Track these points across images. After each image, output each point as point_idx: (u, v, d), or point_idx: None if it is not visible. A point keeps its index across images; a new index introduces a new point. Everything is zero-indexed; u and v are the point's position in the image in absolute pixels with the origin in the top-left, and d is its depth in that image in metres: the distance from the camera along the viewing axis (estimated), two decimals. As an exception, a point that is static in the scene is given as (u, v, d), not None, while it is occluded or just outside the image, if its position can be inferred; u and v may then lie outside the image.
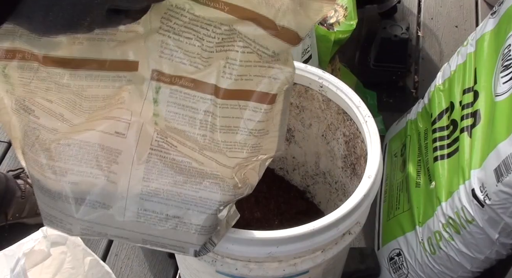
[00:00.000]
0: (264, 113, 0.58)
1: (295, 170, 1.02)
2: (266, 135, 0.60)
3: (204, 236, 0.60)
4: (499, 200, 0.81)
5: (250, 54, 0.54)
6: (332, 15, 1.21)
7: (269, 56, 0.55)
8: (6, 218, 1.15)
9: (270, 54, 0.54)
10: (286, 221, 0.97)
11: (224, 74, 0.54)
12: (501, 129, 0.83)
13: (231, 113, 0.56)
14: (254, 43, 0.53)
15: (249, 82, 0.56)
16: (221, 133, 0.57)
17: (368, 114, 0.76)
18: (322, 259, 0.70)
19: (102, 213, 0.58)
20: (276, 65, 0.56)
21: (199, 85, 0.54)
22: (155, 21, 0.50)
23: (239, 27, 0.52)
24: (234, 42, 0.53)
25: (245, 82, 0.55)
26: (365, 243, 1.17)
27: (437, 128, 1.04)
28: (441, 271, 0.97)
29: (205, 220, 0.59)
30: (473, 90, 0.96)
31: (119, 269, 1.14)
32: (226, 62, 0.54)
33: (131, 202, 0.58)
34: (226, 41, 0.53)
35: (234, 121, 0.57)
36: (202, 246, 0.61)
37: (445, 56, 1.54)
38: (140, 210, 0.58)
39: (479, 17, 1.65)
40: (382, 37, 1.42)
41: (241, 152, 0.58)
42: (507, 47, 0.88)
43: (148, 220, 0.59)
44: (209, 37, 0.52)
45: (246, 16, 0.51)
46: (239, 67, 0.54)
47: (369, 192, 0.68)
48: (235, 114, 0.56)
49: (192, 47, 0.52)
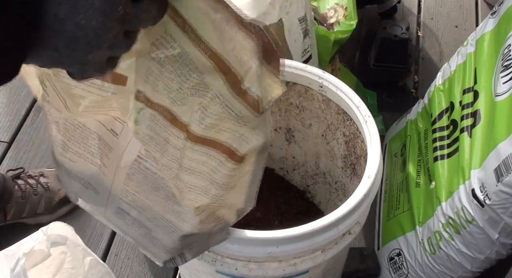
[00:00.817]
0: (230, 169, 0.57)
1: (295, 170, 1.02)
2: (231, 190, 0.59)
3: (169, 253, 0.61)
4: (499, 200, 0.81)
5: (221, 108, 0.53)
6: (332, 15, 1.21)
7: (237, 116, 0.54)
8: (6, 218, 1.15)
9: (236, 114, 0.53)
10: (286, 221, 0.97)
11: (194, 118, 0.53)
12: (501, 129, 0.83)
13: (199, 158, 0.55)
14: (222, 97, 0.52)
15: (219, 134, 0.54)
16: (186, 174, 0.55)
17: (368, 114, 0.76)
18: (322, 259, 0.70)
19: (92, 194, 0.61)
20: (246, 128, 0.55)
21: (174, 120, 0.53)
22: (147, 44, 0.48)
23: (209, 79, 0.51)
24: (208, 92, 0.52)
25: (215, 133, 0.54)
26: (365, 243, 1.17)
27: (437, 128, 1.04)
28: (441, 271, 0.97)
29: (170, 241, 0.60)
30: (473, 90, 0.96)
31: (119, 269, 1.14)
32: (199, 108, 0.52)
33: (112, 198, 0.59)
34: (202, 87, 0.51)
35: (200, 167, 0.56)
36: (169, 260, 0.62)
37: (445, 56, 1.54)
38: (118, 208, 0.60)
39: (479, 17, 1.65)
40: (382, 37, 1.42)
41: (202, 197, 0.57)
42: (507, 47, 0.88)
43: (124, 219, 0.61)
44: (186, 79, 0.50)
45: (221, 67, 0.50)
46: (210, 117, 0.53)
47: (369, 192, 0.68)
48: (202, 160, 0.55)
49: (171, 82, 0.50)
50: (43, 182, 1.19)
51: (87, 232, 1.19)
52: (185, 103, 0.51)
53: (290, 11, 0.93)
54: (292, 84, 0.85)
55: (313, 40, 1.05)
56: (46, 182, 1.19)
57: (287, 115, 0.92)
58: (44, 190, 1.18)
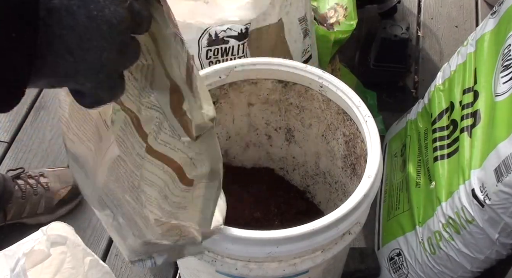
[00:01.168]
0: (182, 190, 0.57)
1: (295, 170, 1.02)
2: (183, 210, 0.58)
3: (135, 255, 0.62)
4: (499, 200, 0.81)
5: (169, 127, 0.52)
6: (332, 15, 1.21)
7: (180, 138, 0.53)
8: (6, 218, 1.15)
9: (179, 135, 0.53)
10: (286, 221, 0.97)
11: (153, 132, 0.52)
12: (501, 129, 0.83)
13: (155, 171, 0.55)
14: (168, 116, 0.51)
15: (173, 152, 0.54)
16: (145, 184, 0.55)
17: (368, 114, 0.76)
18: (322, 259, 0.70)
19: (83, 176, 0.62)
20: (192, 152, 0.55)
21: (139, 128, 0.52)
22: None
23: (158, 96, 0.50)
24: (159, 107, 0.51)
25: (169, 150, 0.53)
26: (365, 243, 1.17)
27: (437, 128, 1.04)
28: (441, 271, 0.97)
29: (135, 244, 0.60)
30: (473, 90, 0.96)
31: (119, 269, 1.14)
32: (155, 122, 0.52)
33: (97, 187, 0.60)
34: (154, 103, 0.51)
35: (156, 180, 0.55)
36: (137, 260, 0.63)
37: (445, 56, 1.54)
38: (99, 197, 0.61)
39: (479, 17, 1.65)
40: (382, 37, 1.42)
41: (157, 212, 0.57)
42: (507, 47, 0.88)
43: (104, 208, 0.61)
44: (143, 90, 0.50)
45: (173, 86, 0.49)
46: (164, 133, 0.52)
47: (369, 192, 0.68)
48: (158, 174, 0.55)
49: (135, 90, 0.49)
50: (43, 182, 1.19)
51: (87, 232, 1.19)
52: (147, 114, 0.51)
53: (290, 11, 0.93)
54: (292, 84, 0.85)
55: (313, 40, 1.05)
56: (46, 182, 1.19)
57: (287, 115, 0.92)
58: (44, 190, 1.18)
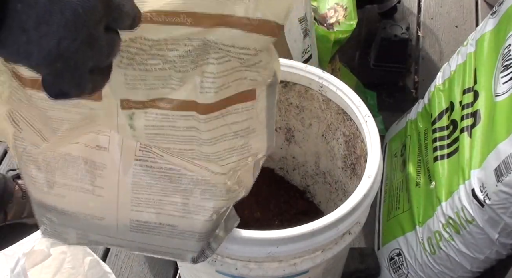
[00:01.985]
0: (246, 112, 0.55)
1: (295, 170, 1.02)
2: (252, 134, 0.57)
3: (201, 242, 0.61)
4: (499, 200, 0.81)
5: (228, 63, 0.50)
6: (332, 15, 1.21)
7: (251, 57, 0.50)
8: (6, 218, 1.15)
9: (252, 54, 0.50)
10: (286, 221, 0.97)
11: (202, 89, 0.50)
12: (501, 129, 0.83)
13: (215, 125, 0.53)
14: (233, 48, 0.49)
15: (228, 89, 0.52)
16: (209, 146, 0.54)
17: (368, 114, 0.76)
18: (322, 259, 0.70)
19: (96, 223, 0.58)
20: (257, 65, 0.52)
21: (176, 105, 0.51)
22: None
23: (211, 37, 0.47)
24: (208, 55, 0.49)
25: (224, 91, 0.52)
26: (365, 243, 1.17)
27: (437, 128, 1.04)
28: (441, 271, 0.97)
29: (200, 227, 0.59)
30: (473, 90, 0.96)
31: (119, 269, 1.14)
32: (202, 78, 0.50)
33: (122, 214, 0.58)
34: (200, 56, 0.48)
35: (219, 131, 0.54)
36: (199, 252, 0.61)
37: (445, 56, 1.54)
38: (132, 221, 0.58)
39: (479, 17, 1.65)
40: (382, 37, 1.42)
41: (231, 156, 0.56)
42: (507, 47, 0.88)
43: (141, 229, 0.59)
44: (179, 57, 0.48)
45: (214, 23, 0.46)
46: (216, 80, 0.50)
47: (369, 192, 0.68)
48: (219, 124, 0.53)
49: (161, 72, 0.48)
50: (43, 182, 1.19)
51: (87, 232, 1.19)
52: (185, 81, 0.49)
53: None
54: (292, 84, 0.85)
55: (313, 40, 1.05)
56: (46, 182, 1.19)
57: (287, 115, 0.92)
58: (44, 190, 1.18)
